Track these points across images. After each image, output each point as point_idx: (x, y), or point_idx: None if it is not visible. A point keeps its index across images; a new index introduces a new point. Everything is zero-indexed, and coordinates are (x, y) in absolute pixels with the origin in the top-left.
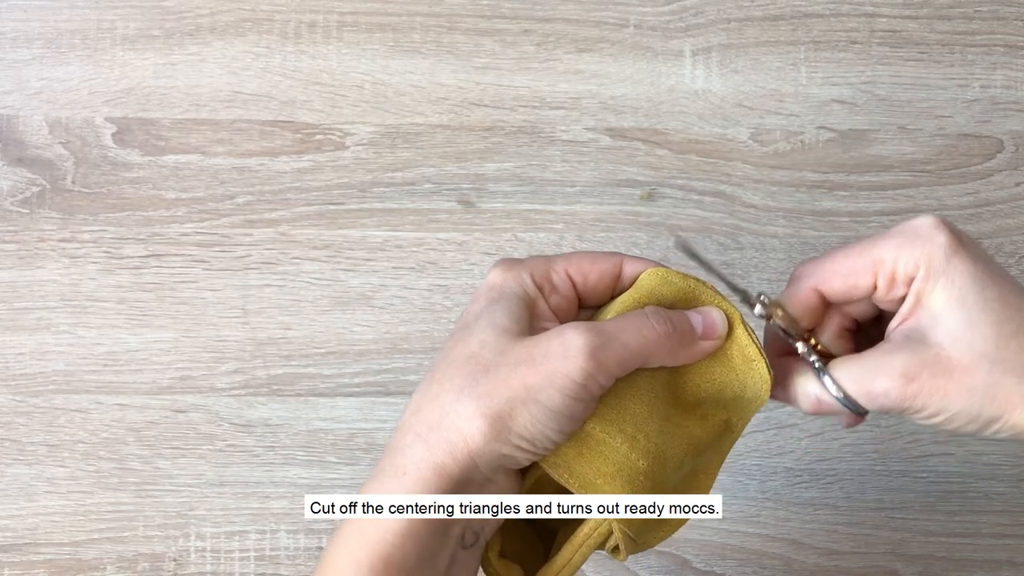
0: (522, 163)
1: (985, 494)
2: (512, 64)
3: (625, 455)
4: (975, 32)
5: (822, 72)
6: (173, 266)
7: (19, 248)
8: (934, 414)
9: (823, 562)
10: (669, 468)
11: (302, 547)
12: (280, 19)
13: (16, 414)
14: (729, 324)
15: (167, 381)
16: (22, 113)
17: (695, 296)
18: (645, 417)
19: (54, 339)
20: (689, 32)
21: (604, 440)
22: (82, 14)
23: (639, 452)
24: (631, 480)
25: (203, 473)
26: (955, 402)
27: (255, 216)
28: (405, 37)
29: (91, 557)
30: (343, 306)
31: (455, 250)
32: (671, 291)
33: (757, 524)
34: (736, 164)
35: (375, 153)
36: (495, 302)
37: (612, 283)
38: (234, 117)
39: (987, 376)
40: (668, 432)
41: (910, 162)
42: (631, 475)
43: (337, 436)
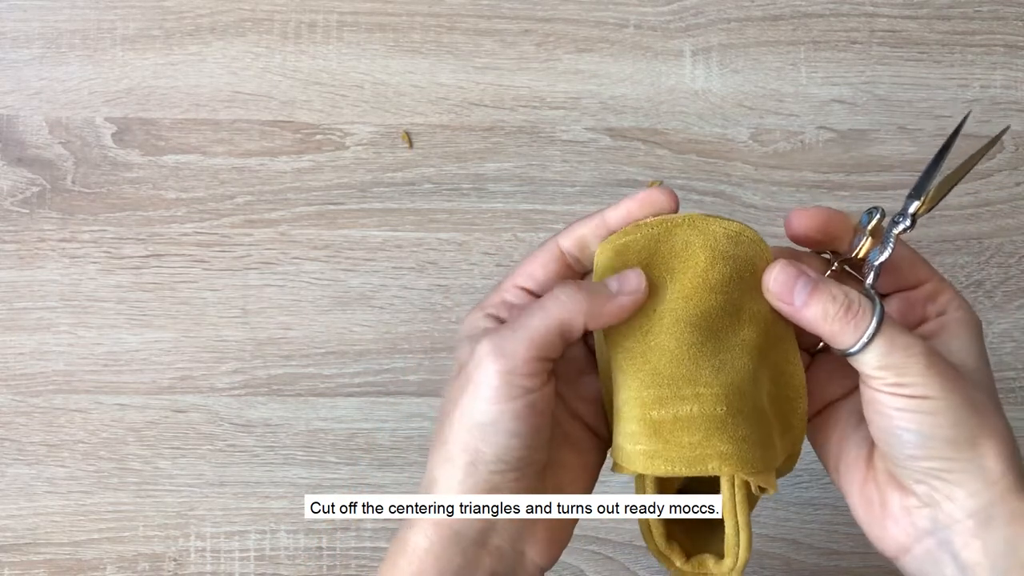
0: (522, 163)
1: None
2: (512, 64)
3: (702, 416)
4: (975, 32)
5: (822, 72)
6: (173, 266)
7: (19, 248)
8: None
9: (823, 562)
10: (748, 391)
11: (302, 547)
12: (280, 19)
13: (16, 414)
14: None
15: (167, 381)
16: (22, 113)
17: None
18: (691, 369)
19: (54, 339)
20: (689, 32)
21: (676, 415)
22: (82, 14)
23: (711, 403)
24: (723, 430)
25: (203, 473)
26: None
27: (255, 216)
28: (405, 37)
29: (91, 557)
30: (343, 306)
31: (455, 250)
32: (636, 253)
33: (757, 524)
34: (736, 164)
35: (375, 153)
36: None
37: (562, 266)
38: (234, 117)
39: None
40: (724, 361)
41: (910, 162)
42: (721, 427)
43: (337, 436)
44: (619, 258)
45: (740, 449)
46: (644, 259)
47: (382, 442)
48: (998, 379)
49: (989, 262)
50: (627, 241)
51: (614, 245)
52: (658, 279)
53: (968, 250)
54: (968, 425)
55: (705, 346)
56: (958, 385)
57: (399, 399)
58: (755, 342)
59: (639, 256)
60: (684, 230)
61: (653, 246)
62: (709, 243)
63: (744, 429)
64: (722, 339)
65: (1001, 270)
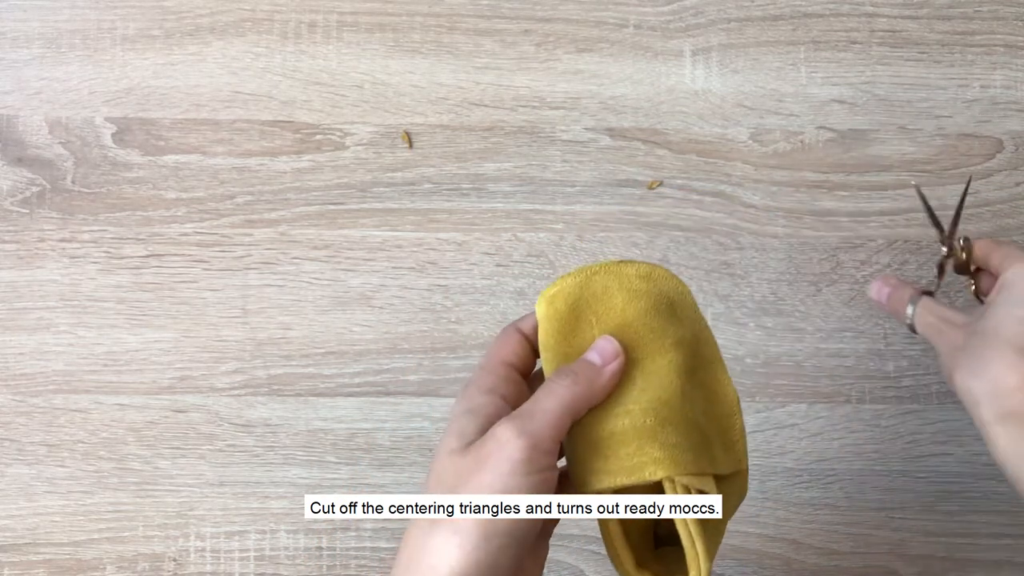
0: (522, 163)
1: (985, 494)
2: (512, 64)
3: (633, 428)
4: (975, 32)
5: (822, 72)
6: (173, 266)
7: (19, 248)
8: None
9: (823, 562)
10: (676, 404)
11: (302, 547)
12: (280, 19)
13: (16, 414)
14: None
15: (167, 381)
16: (22, 113)
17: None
18: (620, 392)
19: (54, 339)
20: (689, 32)
21: (611, 432)
22: (82, 14)
23: (639, 416)
24: (653, 438)
25: (203, 473)
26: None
27: (255, 216)
28: (405, 37)
29: (91, 557)
30: (343, 306)
31: (455, 250)
32: (565, 300)
33: (757, 524)
34: (736, 164)
35: (375, 153)
36: (450, 424)
37: (529, 346)
38: (234, 117)
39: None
40: (650, 382)
41: (910, 162)
42: (651, 436)
43: (337, 436)
44: (551, 307)
45: (672, 454)
46: (572, 304)
47: (382, 442)
48: None
49: None
50: (555, 292)
51: (547, 297)
52: (585, 321)
53: None
54: (946, 367)
55: (631, 372)
56: (932, 333)
57: (399, 399)
58: (682, 364)
59: (567, 302)
60: (602, 276)
61: (578, 292)
62: (624, 284)
63: (674, 437)
64: (647, 364)
65: None
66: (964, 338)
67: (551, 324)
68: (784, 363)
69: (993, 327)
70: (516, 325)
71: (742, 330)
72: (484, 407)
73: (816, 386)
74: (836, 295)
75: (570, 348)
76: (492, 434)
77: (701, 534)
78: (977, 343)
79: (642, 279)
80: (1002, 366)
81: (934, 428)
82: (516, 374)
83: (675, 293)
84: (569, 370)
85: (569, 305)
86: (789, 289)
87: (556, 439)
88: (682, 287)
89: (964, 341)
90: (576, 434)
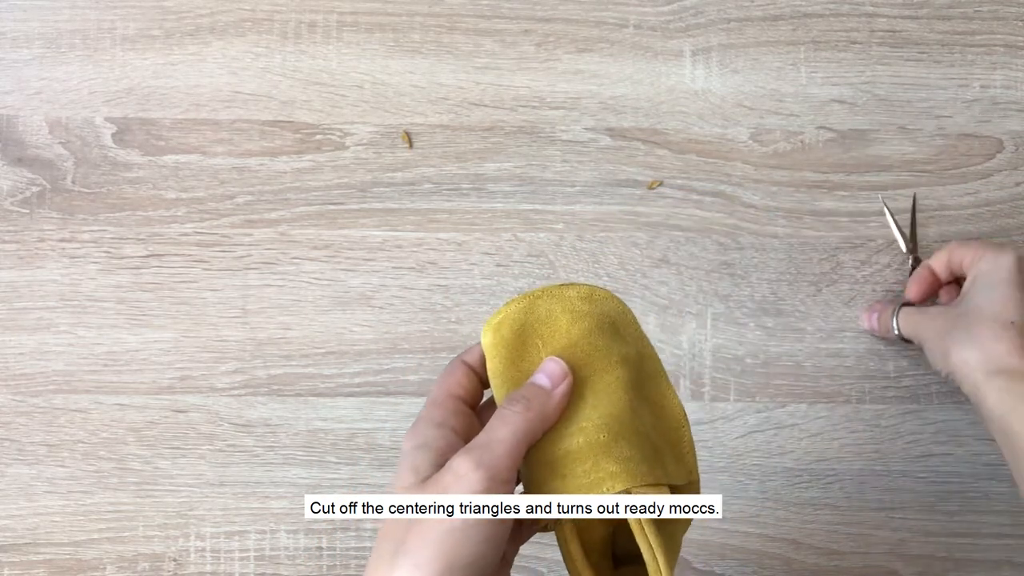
0: (522, 163)
1: (985, 494)
2: (512, 64)
3: (588, 445)
4: (975, 32)
5: (822, 72)
6: (173, 266)
7: (19, 248)
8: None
9: (823, 562)
10: (627, 419)
11: (302, 547)
12: (280, 19)
13: (16, 414)
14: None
15: (167, 381)
16: (22, 113)
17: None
18: (572, 412)
19: (54, 339)
20: (689, 32)
21: (567, 451)
22: (82, 14)
23: (593, 433)
24: (608, 453)
25: (203, 473)
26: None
27: (255, 216)
28: (405, 37)
29: (91, 557)
30: (343, 306)
31: (455, 250)
32: (510, 327)
33: (757, 524)
34: (736, 164)
35: (375, 153)
36: (401, 461)
37: (476, 378)
38: (234, 117)
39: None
40: (600, 399)
41: (910, 162)
42: (606, 451)
43: (337, 436)
44: (497, 334)
45: (627, 467)
46: (517, 330)
47: (382, 442)
48: None
49: None
50: (500, 319)
51: (492, 325)
52: (531, 346)
53: None
54: (938, 350)
55: (581, 391)
56: (918, 329)
57: (399, 399)
58: (628, 379)
59: (512, 328)
60: (545, 300)
61: (523, 318)
62: (567, 307)
63: (628, 450)
64: (595, 382)
65: None
66: (951, 322)
67: (498, 351)
68: (784, 363)
69: (977, 307)
70: (461, 358)
71: (742, 330)
72: (435, 440)
73: (816, 386)
74: (836, 295)
75: (519, 373)
76: (449, 467)
77: (661, 546)
78: (965, 323)
79: (584, 300)
80: (991, 337)
81: (934, 428)
82: (464, 406)
83: (616, 313)
84: (520, 396)
85: (515, 331)
86: (789, 289)
87: (513, 467)
88: (623, 307)
89: (951, 324)
90: (532, 457)
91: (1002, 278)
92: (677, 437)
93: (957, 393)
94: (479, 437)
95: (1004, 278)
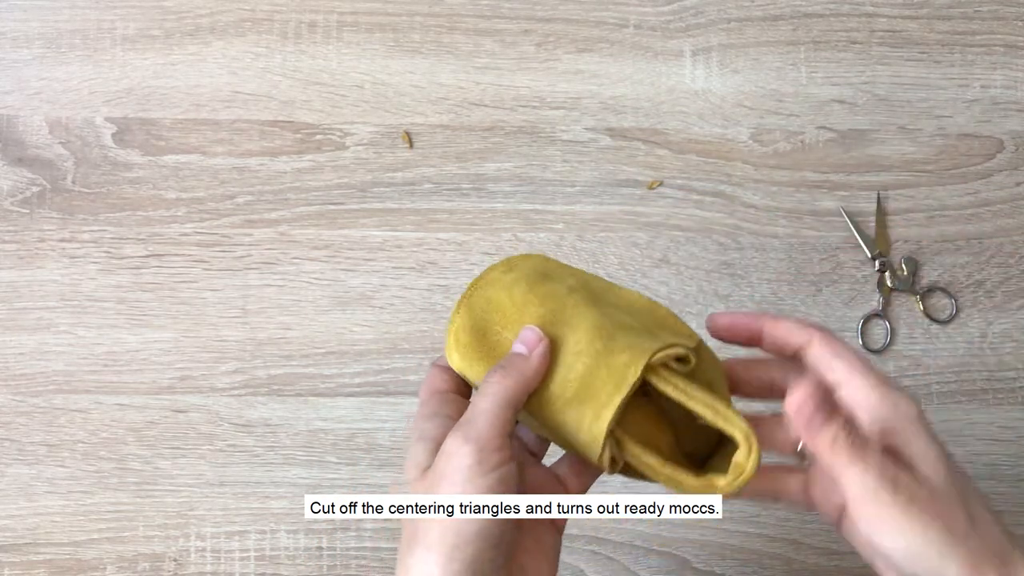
0: (522, 163)
1: (985, 494)
2: (512, 64)
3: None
4: (975, 32)
5: (822, 72)
6: (173, 266)
7: (19, 248)
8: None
9: (823, 562)
10: (605, 325)
11: (302, 547)
12: (280, 19)
13: (16, 414)
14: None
15: (167, 381)
16: (22, 113)
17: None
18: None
19: (54, 339)
20: (689, 32)
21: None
22: (82, 14)
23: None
24: (611, 352)
25: (203, 473)
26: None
27: (255, 216)
28: (405, 37)
29: (91, 557)
30: (343, 306)
31: (455, 250)
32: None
33: (757, 524)
34: (736, 164)
35: (375, 153)
36: (405, 461)
37: (455, 375)
38: (234, 117)
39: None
40: (575, 325)
41: (910, 162)
42: (608, 353)
43: (337, 436)
44: (459, 345)
45: (635, 350)
46: (473, 331)
47: (382, 442)
48: (998, 379)
49: (989, 262)
50: (454, 333)
51: (451, 344)
52: (493, 335)
53: (968, 250)
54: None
55: (558, 333)
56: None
57: (399, 399)
58: (586, 299)
59: (469, 333)
60: (478, 292)
61: (470, 319)
62: (498, 286)
63: (623, 340)
64: (562, 321)
65: (1001, 270)
66: (916, 493)
67: (469, 359)
68: None
69: (945, 483)
70: (436, 363)
71: None
72: (430, 430)
73: None
74: (836, 295)
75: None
76: (442, 450)
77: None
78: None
79: (507, 271)
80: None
81: (934, 428)
82: (453, 396)
83: (539, 263)
84: (498, 366)
85: (472, 334)
86: (789, 289)
87: (501, 435)
88: (542, 257)
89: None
90: (552, 410)
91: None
92: (660, 315)
93: (957, 393)
94: (464, 414)
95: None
